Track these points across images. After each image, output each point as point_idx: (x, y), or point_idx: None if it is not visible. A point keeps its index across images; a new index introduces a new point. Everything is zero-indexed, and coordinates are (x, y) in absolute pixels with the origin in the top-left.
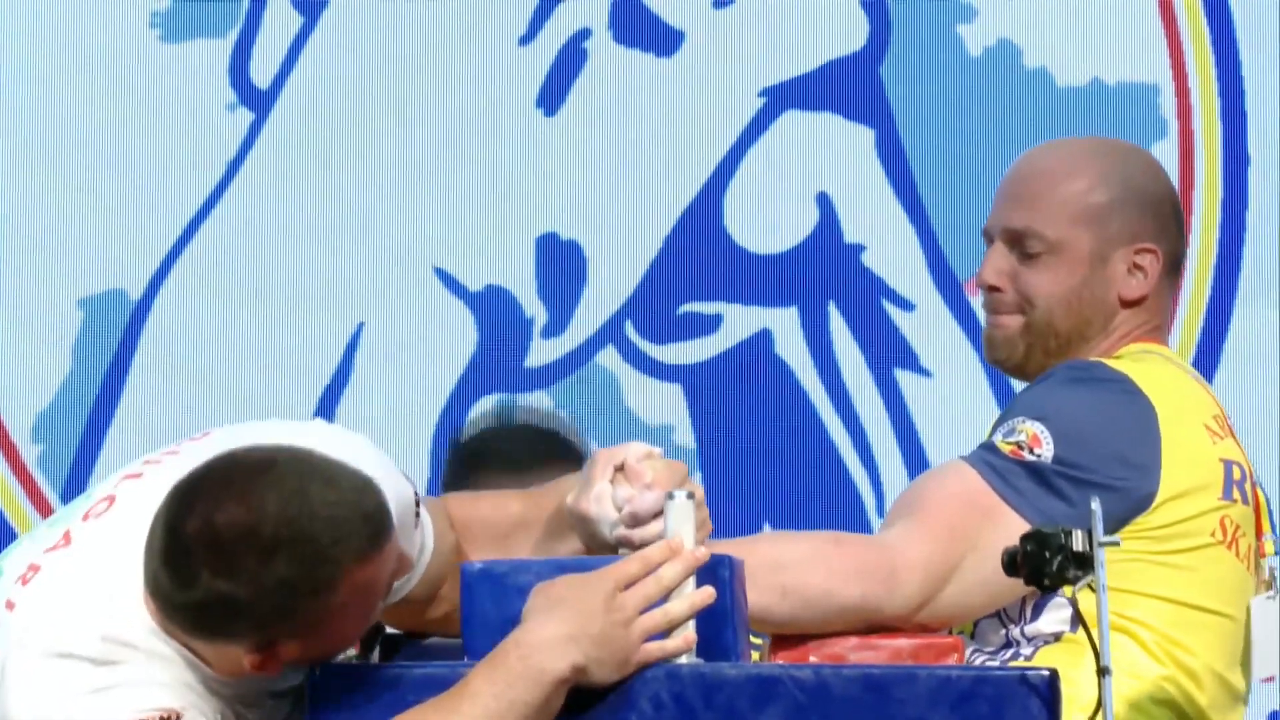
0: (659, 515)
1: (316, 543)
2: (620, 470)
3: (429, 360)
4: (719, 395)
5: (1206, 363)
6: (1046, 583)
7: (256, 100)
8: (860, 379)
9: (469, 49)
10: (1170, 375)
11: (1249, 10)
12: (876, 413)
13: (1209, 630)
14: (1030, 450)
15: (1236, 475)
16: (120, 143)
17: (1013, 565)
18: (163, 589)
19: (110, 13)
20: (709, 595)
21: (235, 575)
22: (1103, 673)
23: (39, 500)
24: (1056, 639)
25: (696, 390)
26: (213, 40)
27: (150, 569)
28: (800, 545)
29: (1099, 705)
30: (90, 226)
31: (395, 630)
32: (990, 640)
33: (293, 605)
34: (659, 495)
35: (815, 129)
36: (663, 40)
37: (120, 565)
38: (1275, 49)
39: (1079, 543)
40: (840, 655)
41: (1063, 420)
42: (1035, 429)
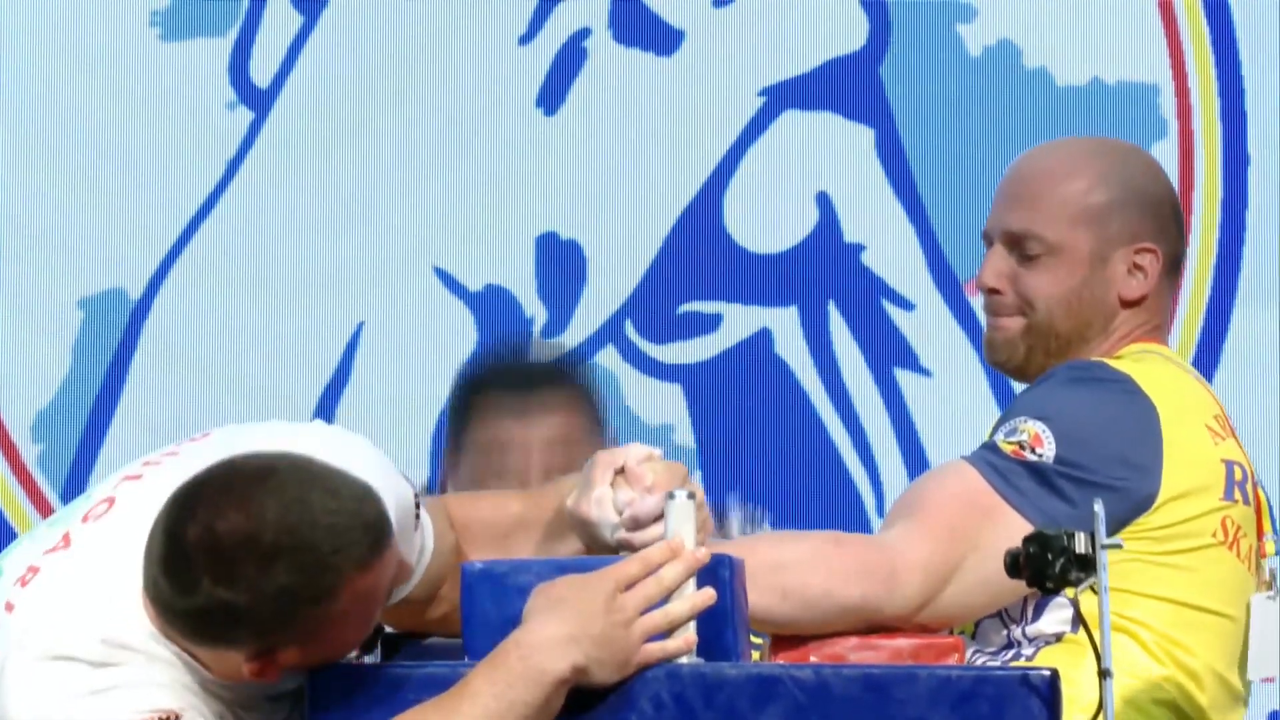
0: (660, 519)
1: (317, 551)
2: (620, 473)
3: (429, 359)
4: (719, 395)
5: (1206, 363)
6: (1049, 585)
7: (256, 99)
8: (860, 379)
9: (469, 49)
10: (1171, 375)
11: (1249, 10)
12: (876, 413)
13: (1209, 631)
14: (1032, 450)
15: (1238, 476)
16: (120, 142)
17: (1015, 567)
18: (163, 595)
19: (110, 12)
20: (710, 597)
21: (235, 583)
22: (1104, 675)
23: (39, 500)
24: (1058, 639)
25: (696, 390)
26: (213, 39)
27: (150, 575)
28: (800, 546)
29: (1100, 707)
30: (91, 225)
31: (395, 630)
32: (991, 640)
33: (293, 613)
34: (659, 499)
35: (815, 129)
36: (663, 40)
37: (119, 567)
38: (1275, 49)
39: (1081, 545)
40: (840, 655)
41: (1065, 420)
42: (1037, 429)
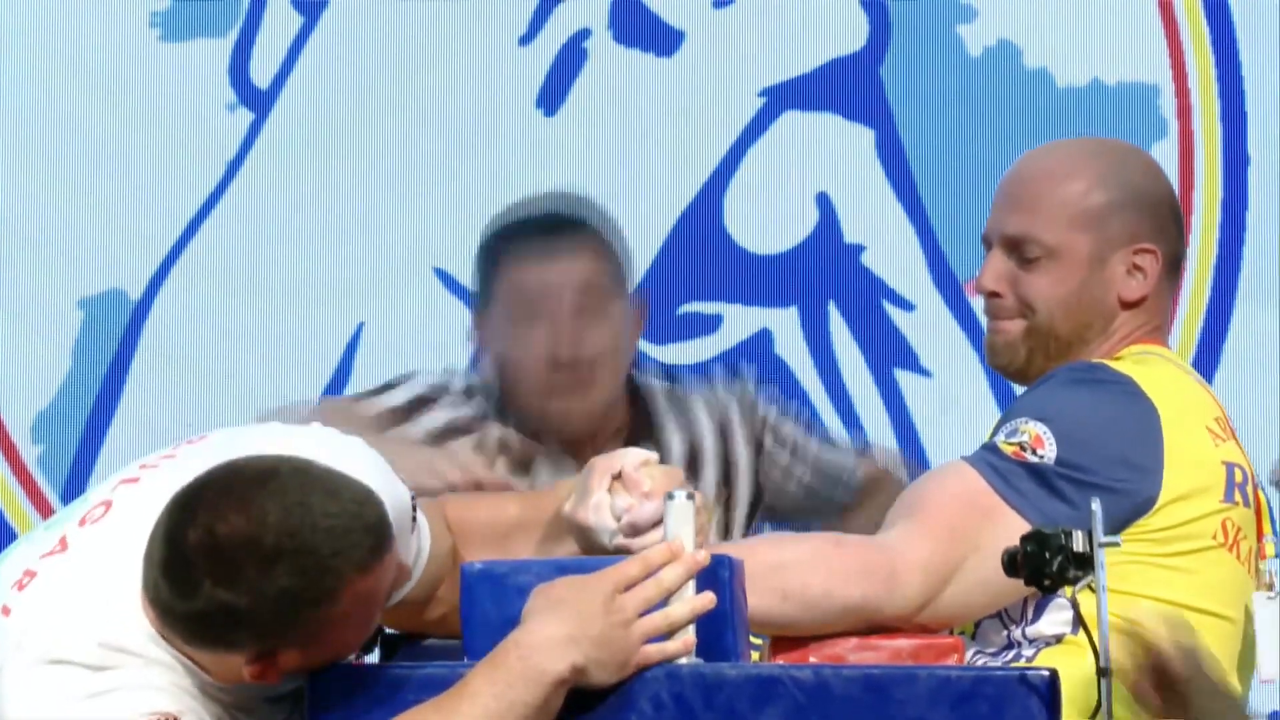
0: (658, 524)
1: (318, 553)
2: (618, 479)
3: (429, 360)
4: None
5: (1206, 363)
6: (1047, 583)
7: (256, 100)
8: (860, 379)
9: (469, 49)
10: (1172, 377)
11: (1249, 10)
12: (876, 413)
13: (1209, 633)
14: (1033, 451)
15: (1238, 478)
16: (120, 142)
17: (1013, 566)
18: (163, 598)
19: (110, 13)
20: (710, 601)
21: (236, 585)
22: (1103, 674)
23: (39, 500)
24: (1058, 640)
25: None
26: (213, 40)
27: (150, 578)
28: (800, 547)
29: (1099, 706)
30: (90, 226)
31: (394, 631)
32: (991, 641)
33: (293, 616)
34: (657, 505)
35: (815, 129)
36: (663, 40)
37: (117, 571)
38: (1275, 49)
39: (1079, 543)
40: (840, 656)
41: (1065, 422)
42: (1038, 430)
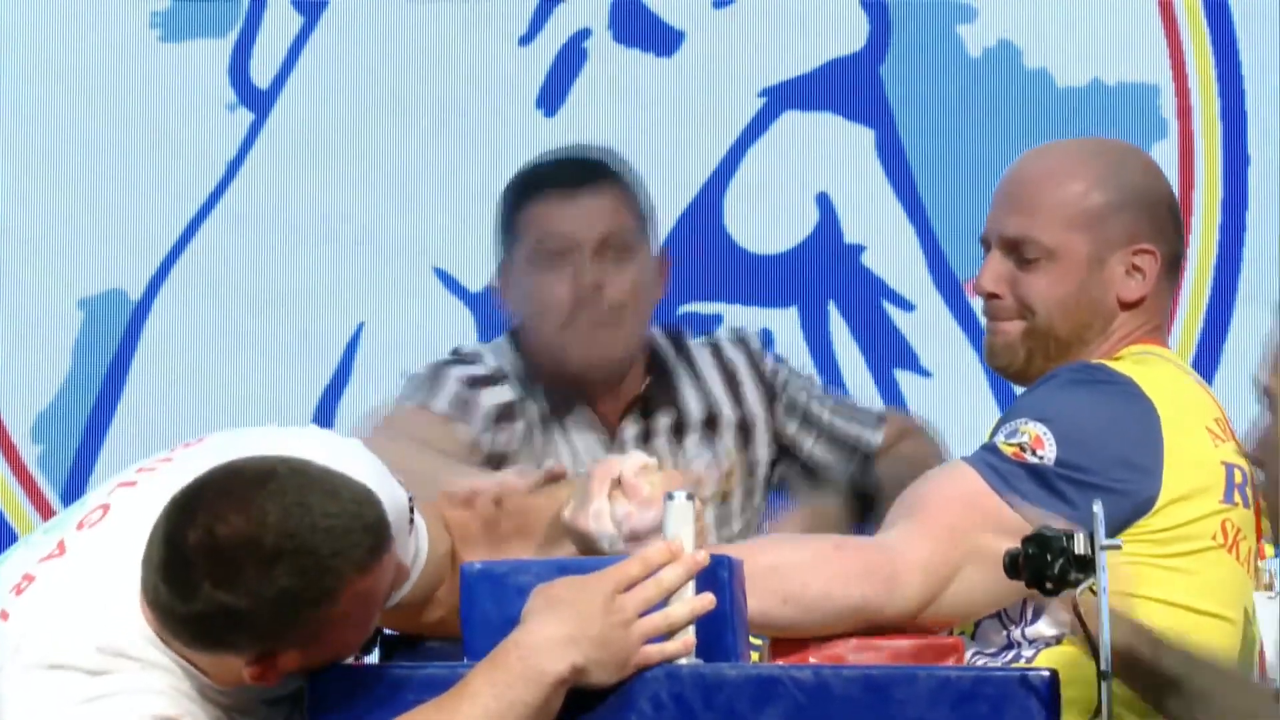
0: (657, 532)
1: (317, 554)
2: (617, 485)
3: (429, 361)
4: None
5: (1206, 363)
6: (1048, 585)
7: (256, 100)
8: (860, 379)
9: (469, 49)
10: (1172, 378)
11: (1249, 10)
12: None
13: (1209, 633)
14: (1033, 452)
15: (1238, 478)
16: (120, 143)
17: (1014, 567)
18: (163, 600)
19: (110, 13)
20: (710, 602)
21: (236, 586)
22: (1102, 676)
23: (39, 500)
24: (1057, 640)
25: None
26: (213, 40)
27: (150, 580)
28: (800, 550)
29: (1099, 708)
30: (90, 227)
31: (393, 633)
32: (991, 641)
33: (293, 616)
34: (657, 512)
35: (815, 129)
36: (663, 40)
37: (115, 574)
38: (1275, 49)
39: (1080, 545)
40: (840, 656)
41: (1066, 422)
42: (1038, 431)
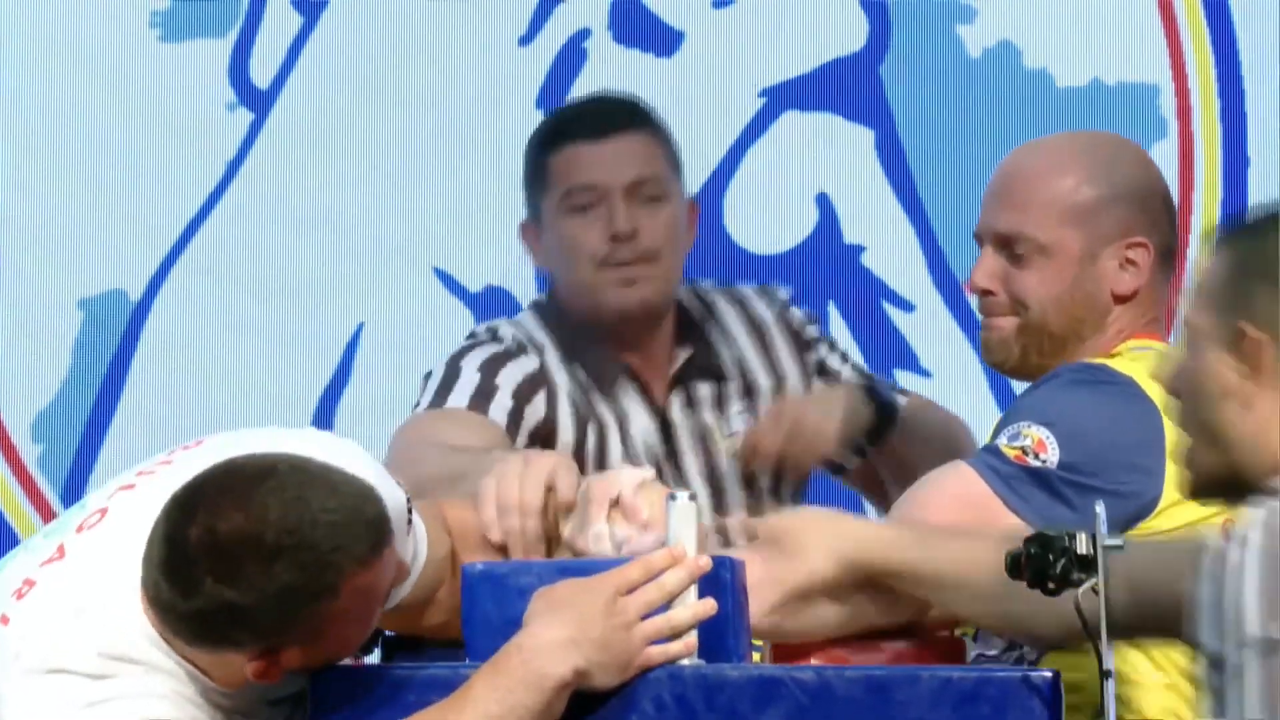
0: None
1: (318, 549)
2: (616, 505)
3: (429, 360)
4: None
5: None
6: (1050, 585)
7: (256, 100)
8: None
9: (469, 49)
10: None
11: (1249, 10)
12: None
13: None
14: (1035, 456)
15: None
16: (120, 143)
17: (1016, 567)
18: (164, 598)
19: (110, 13)
20: (712, 608)
21: (238, 582)
22: (1105, 676)
23: (39, 501)
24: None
25: None
26: (213, 40)
27: (151, 579)
28: None
29: (1101, 709)
30: (90, 226)
31: (394, 634)
32: (993, 642)
33: (295, 612)
34: (657, 536)
35: (815, 129)
36: (663, 40)
37: (115, 577)
38: (1275, 49)
39: (1083, 545)
40: (842, 656)
41: (1068, 425)
42: (1041, 434)
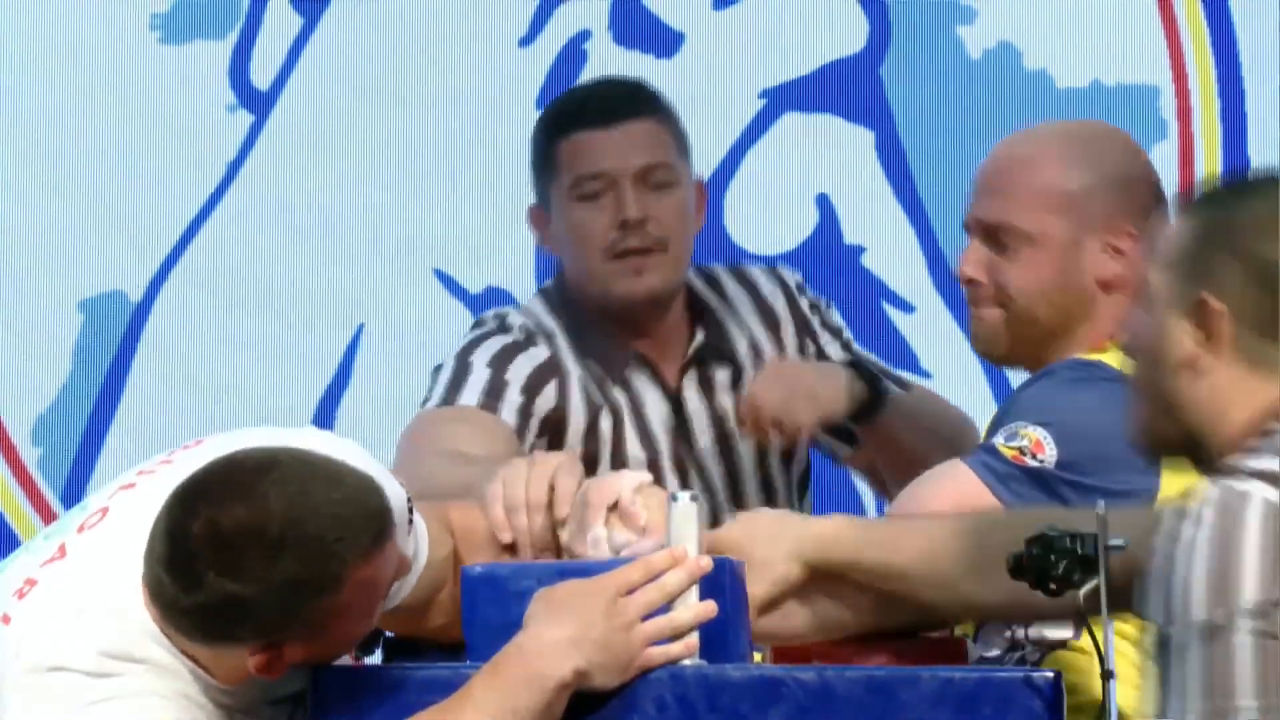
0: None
1: (321, 541)
2: (614, 510)
3: (429, 361)
4: None
5: None
6: (1052, 586)
7: (256, 102)
8: None
9: (469, 51)
10: None
11: (1249, 10)
12: None
13: None
14: (1033, 456)
15: None
16: (120, 144)
17: (1018, 569)
18: (167, 593)
19: (110, 13)
20: (713, 610)
21: (241, 575)
22: (1107, 676)
23: (39, 503)
24: (1063, 644)
25: None
26: (212, 41)
27: (153, 574)
28: None
29: (1103, 709)
30: (90, 228)
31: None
32: (994, 642)
33: (298, 604)
34: (656, 540)
35: (815, 130)
36: (663, 41)
37: (116, 576)
38: (1275, 49)
39: (1085, 546)
40: (843, 657)
41: (1065, 425)
42: (1038, 434)
